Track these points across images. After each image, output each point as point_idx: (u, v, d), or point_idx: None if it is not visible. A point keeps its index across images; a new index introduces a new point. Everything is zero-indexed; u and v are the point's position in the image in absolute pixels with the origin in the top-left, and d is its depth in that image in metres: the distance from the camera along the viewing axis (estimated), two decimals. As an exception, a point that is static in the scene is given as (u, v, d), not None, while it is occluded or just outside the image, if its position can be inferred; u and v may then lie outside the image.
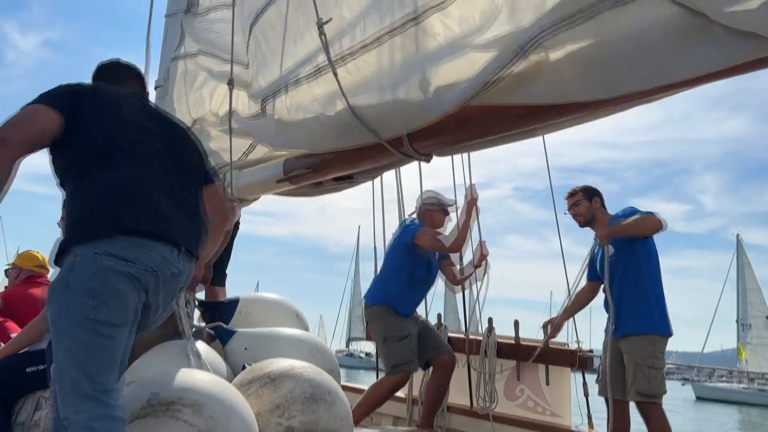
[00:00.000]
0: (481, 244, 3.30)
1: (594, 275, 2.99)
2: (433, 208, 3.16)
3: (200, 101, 2.62)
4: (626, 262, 2.76)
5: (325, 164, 2.04)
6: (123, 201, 1.34)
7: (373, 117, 1.59)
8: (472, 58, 1.35)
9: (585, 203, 2.95)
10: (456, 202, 3.25)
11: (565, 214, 3.08)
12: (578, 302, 3.08)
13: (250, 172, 2.38)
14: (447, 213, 3.20)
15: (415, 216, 3.21)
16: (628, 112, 1.39)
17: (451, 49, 1.41)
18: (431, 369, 3.09)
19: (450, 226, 3.28)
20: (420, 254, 3.07)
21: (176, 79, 2.72)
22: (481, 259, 3.27)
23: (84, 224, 1.32)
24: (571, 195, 3.04)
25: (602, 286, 2.88)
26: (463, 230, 3.07)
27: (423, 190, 3.33)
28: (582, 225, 2.99)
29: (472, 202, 3.10)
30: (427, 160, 1.81)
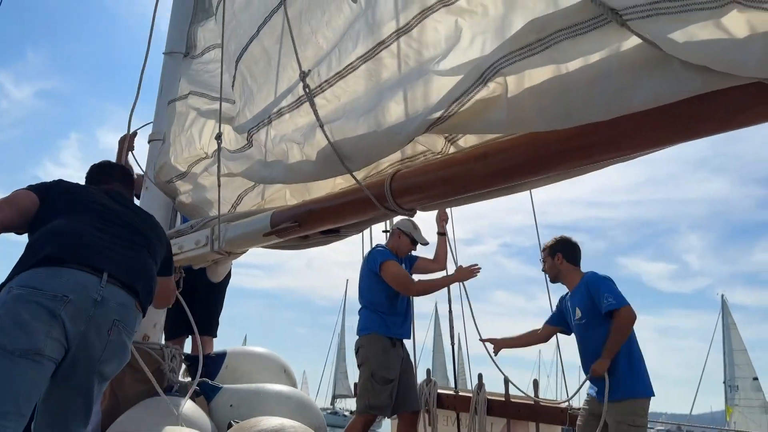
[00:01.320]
0: (441, 212, 3.40)
1: (555, 321, 3.07)
2: (403, 235, 3.25)
3: (191, 141, 2.67)
4: (601, 330, 2.81)
5: (311, 218, 2.07)
6: (52, 238, 1.42)
7: (347, 145, 1.62)
8: (437, 84, 1.39)
9: (548, 260, 3.08)
10: (428, 243, 3.33)
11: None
12: (527, 339, 3.16)
13: (238, 225, 2.40)
14: (414, 247, 3.28)
15: (387, 236, 3.31)
16: (613, 172, 1.44)
17: (417, 74, 1.45)
18: (398, 420, 3.13)
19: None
20: None
21: (173, 121, 2.78)
22: (443, 221, 3.36)
23: (15, 265, 1.43)
24: (542, 251, 3.18)
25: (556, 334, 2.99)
26: (437, 285, 3.16)
27: (404, 218, 3.39)
28: (552, 281, 3.10)
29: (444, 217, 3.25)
30: (411, 215, 1.84)
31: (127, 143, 2.98)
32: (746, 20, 0.97)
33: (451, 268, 3.37)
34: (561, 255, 3.06)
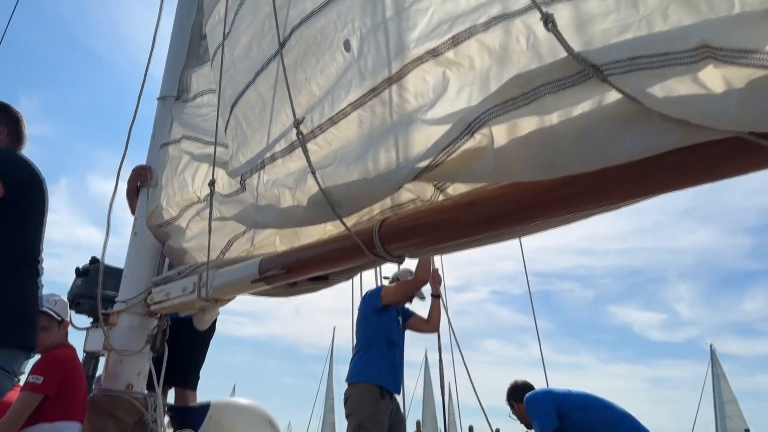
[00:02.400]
0: (434, 272, 3.37)
1: None
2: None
3: (184, 185, 2.68)
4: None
5: (301, 264, 2.07)
6: None
7: (337, 191, 1.64)
8: (425, 133, 1.43)
9: (517, 407, 3.12)
10: (425, 299, 3.34)
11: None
12: None
13: (226, 271, 2.39)
14: (411, 299, 3.28)
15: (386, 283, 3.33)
16: (601, 221, 1.45)
17: (406, 123, 1.49)
18: None
19: None
20: (390, 315, 3.12)
21: (165, 165, 2.80)
22: (436, 284, 3.34)
23: None
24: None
25: None
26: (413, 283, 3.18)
27: (406, 268, 3.41)
28: (527, 428, 3.18)
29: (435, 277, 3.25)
30: (400, 262, 1.85)
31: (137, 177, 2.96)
32: (722, 75, 1.01)
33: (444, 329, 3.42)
34: (515, 402, 3.14)
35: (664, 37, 1.07)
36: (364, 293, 3.40)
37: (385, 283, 3.69)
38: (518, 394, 3.08)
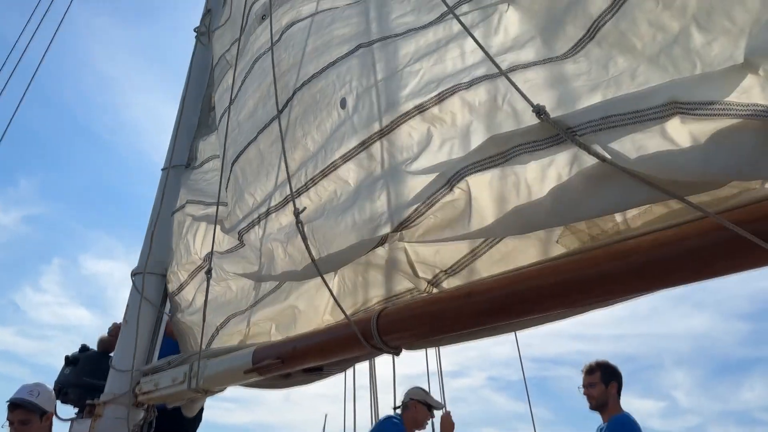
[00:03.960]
0: (447, 415, 3.22)
1: None
2: (419, 405, 3.12)
3: (187, 247, 2.71)
4: None
5: (295, 354, 2.04)
6: None
7: (324, 244, 1.68)
8: (408, 185, 1.48)
9: (600, 387, 2.81)
10: (444, 407, 3.22)
11: (579, 389, 2.93)
12: None
13: (218, 361, 2.35)
14: (431, 413, 3.14)
15: (399, 411, 3.16)
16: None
17: (391, 175, 1.55)
18: None
19: None
20: None
21: (174, 231, 2.84)
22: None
23: None
24: (589, 372, 2.90)
25: None
26: None
27: (413, 386, 3.31)
28: (593, 407, 2.84)
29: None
30: (397, 354, 1.83)
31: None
32: (688, 130, 1.06)
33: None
34: (616, 385, 2.86)
35: (634, 97, 1.12)
36: (381, 418, 3.28)
37: (367, 376, 3.59)
38: (621, 382, 2.77)
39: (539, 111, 1.16)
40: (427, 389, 3.36)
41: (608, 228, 1.44)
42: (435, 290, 1.76)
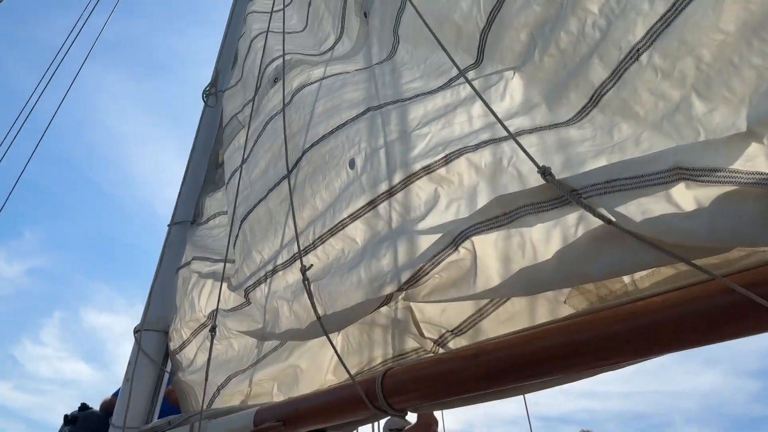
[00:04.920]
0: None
1: None
2: None
3: (193, 304, 2.70)
4: None
5: (298, 416, 2.00)
6: None
7: (330, 302, 1.68)
8: (414, 244, 1.49)
9: None
10: None
11: None
12: None
13: (219, 422, 2.30)
14: None
15: None
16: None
17: (398, 234, 1.56)
18: None
19: None
20: None
21: (178, 287, 2.83)
22: None
23: None
24: None
25: None
26: None
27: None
28: None
29: None
30: (402, 416, 1.79)
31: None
32: (693, 195, 1.07)
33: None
34: None
35: (639, 162, 1.14)
36: None
37: None
38: None
39: (545, 172, 1.18)
40: None
41: (616, 289, 1.43)
42: (441, 350, 1.74)
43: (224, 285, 2.38)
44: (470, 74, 1.71)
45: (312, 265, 1.82)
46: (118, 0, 5.60)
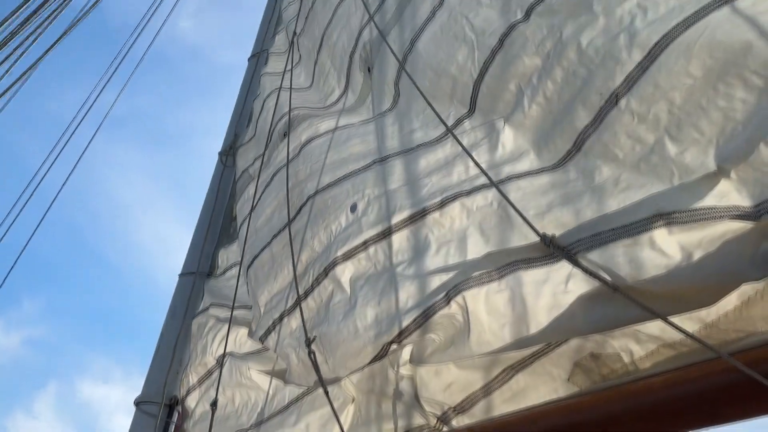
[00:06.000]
0: None
1: None
2: None
3: (206, 347, 2.70)
4: None
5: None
6: None
7: (329, 350, 1.70)
8: (406, 293, 1.51)
9: None
10: None
11: None
12: None
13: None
14: None
15: None
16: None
17: (389, 281, 1.58)
18: None
19: None
20: None
21: (193, 333, 2.85)
22: None
23: None
24: None
25: None
26: None
27: None
28: None
29: None
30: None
31: None
32: (676, 240, 1.10)
33: None
34: None
35: (621, 212, 1.19)
36: None
37: None
38: None
39: (545, 239, 1.23)
40: None
41: (617, 368, 1.41)
42: (445, 428, 1.72)
43: (242, 329, 2.41)
44: (465, 123, 1.78)
45: (315, 336, 1.83)
46: (128, 78, 5.86)
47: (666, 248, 1.11)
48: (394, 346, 1.53)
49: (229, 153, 3.60)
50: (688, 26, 1.16)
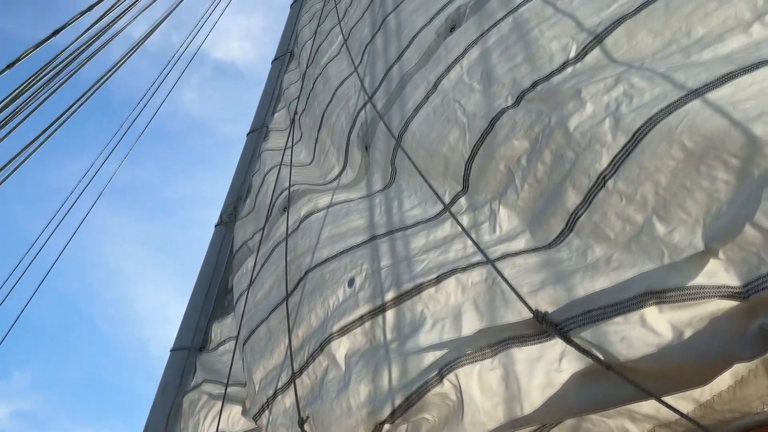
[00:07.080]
0: None
1: None
2: None
3: (197, 425, 2.61)
4: None
5: None
6: None
7: (324, 429, 1.66)
8: (400, 370, 1.49)
9: None
10: None
11: None
12: None
13: None
14: None
15: None
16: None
17: (384, 355, 1.57)
18: None
19: None
20: None
21: (184, 410, 2.80)
22: None
23: None
24: None
25: None
26: None
27: None
28: None
29: None
30: None
31: None
32: (666, 318, 1.11)
33: None
34: None
35: (611, 290, 1.20)
36: None
37: None
38: None
39: (538, 316, 1.24)
40: None
41: None
42: None
43: (236, 407, 2.37)
44: (461, 200, 1.83)
45: (308, 416, 1.82)
46: (129, 149, 6.01)
47: (657, 327, 1.12)
48: (387, 426, 1.51)
49: (225, 222, 3.64)
50: (670, 112, 1.22)
